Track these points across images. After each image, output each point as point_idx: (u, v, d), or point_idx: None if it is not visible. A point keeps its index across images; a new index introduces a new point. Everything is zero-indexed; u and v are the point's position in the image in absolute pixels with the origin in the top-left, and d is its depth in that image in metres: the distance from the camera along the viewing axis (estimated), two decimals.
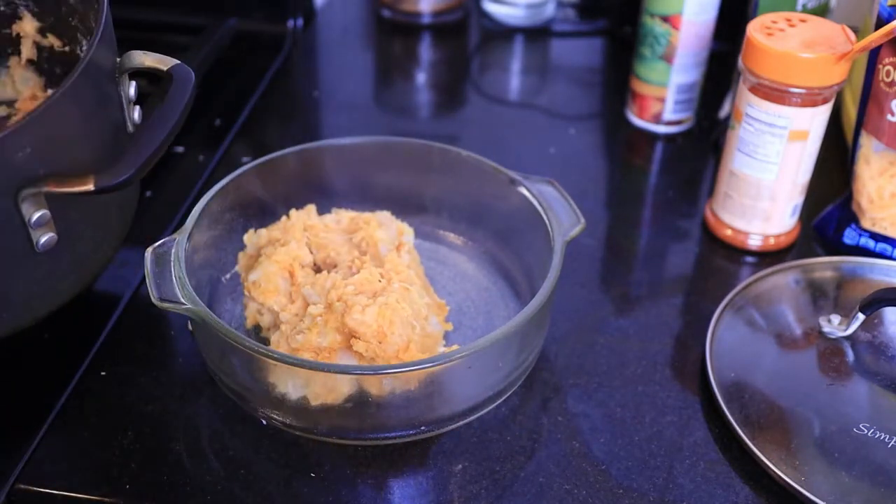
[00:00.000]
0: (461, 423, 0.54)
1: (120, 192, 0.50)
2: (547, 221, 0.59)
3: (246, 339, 0.49)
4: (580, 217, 0.60)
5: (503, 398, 0.56)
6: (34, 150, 0.48)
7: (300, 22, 0.97)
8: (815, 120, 0.64)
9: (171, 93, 0.52)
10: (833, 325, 0.61)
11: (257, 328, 0.59)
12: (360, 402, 0.51)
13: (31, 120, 0.47)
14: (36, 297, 0.55)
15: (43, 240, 0.51)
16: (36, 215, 0.50)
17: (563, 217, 0.59)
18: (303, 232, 0.61)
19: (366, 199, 0.67)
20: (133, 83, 0.57)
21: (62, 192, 0.49)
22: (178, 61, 0.54)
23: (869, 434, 0.54)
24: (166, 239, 0.55)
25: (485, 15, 1.02)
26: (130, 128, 0.58)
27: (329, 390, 0.51)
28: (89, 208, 0.55)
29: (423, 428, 0.53)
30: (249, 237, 0.62)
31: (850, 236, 0.69)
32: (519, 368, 0.55)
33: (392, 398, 0.51)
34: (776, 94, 0.63)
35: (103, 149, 0.54)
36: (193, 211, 0.58)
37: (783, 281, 0.66)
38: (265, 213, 0.64)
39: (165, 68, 0.54)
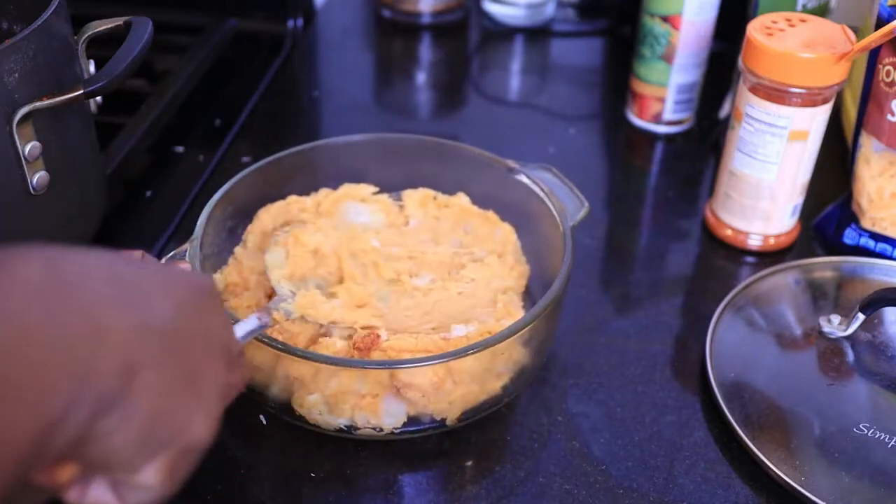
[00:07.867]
0: (474, 418, 0.54)
1: (92, 178, 0.57)
2: (551, 207, 0.58)
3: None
4: (583, 200, 0.59)
5: (519, 391, 0.56)
6: (21, 74, 0.52)
7: (300, 22, 0.97)
8: (815, 120, 0.64)
9: (134, 29, 0.59)
10: (833, 325, 0.61)
11: None
12: None
13: (11, 45, 0.51)
14: None
15: (36, 178, 0.55)
16: (29, 146, 0.54)
17: (567, 202, 0.59)
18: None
19: None
20: (91, 61, 0.62)
21: (55, 103, 0.54)
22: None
23: (869, 434, 0.54)
24: (176, 251, 0.54)
25: (485, 15, 1.02)
26: (94, 108, 0.64)
27: None
28: (72, 153, 0.60)
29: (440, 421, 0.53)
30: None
31: (850, 236, 0.69)
32: (534, 360, 0.55)
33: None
34: (776, 94, 0.63)
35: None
36: (200, 219, 0.57)
37: (783, 281, 0.66)
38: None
39: (122, 22, 0.60)
